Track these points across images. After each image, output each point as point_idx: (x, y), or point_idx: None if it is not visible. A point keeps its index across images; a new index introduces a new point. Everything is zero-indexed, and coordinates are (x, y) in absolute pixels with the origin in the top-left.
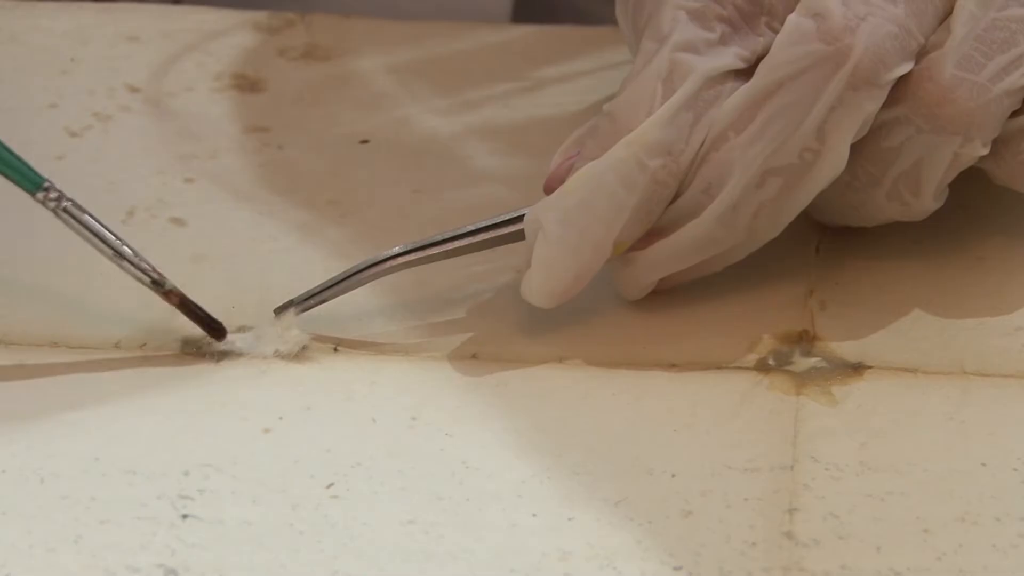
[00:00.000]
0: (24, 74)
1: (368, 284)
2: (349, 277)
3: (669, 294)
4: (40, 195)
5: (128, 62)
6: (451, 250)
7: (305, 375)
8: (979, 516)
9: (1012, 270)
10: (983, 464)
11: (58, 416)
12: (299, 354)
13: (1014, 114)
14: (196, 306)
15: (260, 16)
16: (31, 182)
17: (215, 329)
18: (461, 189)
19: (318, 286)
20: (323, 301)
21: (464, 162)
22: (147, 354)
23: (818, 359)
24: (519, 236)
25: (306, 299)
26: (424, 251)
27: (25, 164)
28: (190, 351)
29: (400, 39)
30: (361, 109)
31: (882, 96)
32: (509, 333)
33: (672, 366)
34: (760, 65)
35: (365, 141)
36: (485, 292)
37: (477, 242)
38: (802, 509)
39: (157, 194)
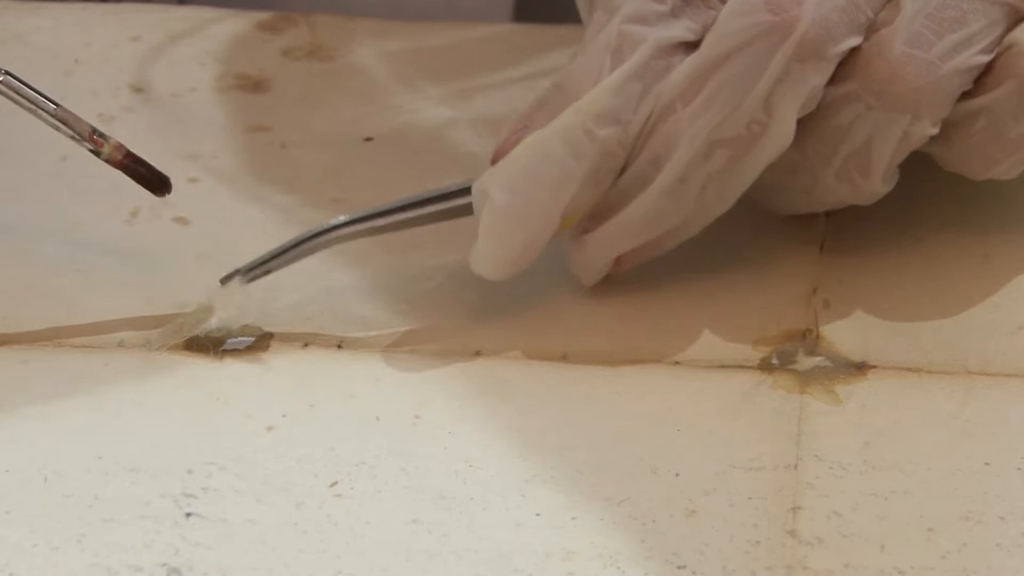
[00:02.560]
0: (28, 75)
1: (370, 284)
2: (295, 247)
3: (672, 293)
4: None
5: (132, 62)
6: (399, 221)
7: (308, 373)
8: (983, 515)
9: (1016, 268)
10: (987, 463)
11: (61, 414)
12: (302, 350)
13: (964, 96)
14: (143, 163)
15: (264, 16)
16: None
17: (162, 183)
18: None
19: (264, 255)
20: (269, 271)
21: (468, 160)
22: (150, 352)
23: (822, 358)
24: (469, 210)
25: (251, 268)
26: (371, 221)
27: None
28: (193, 349)
29: (403, 38)
30: (364, 108)
31: (829, 69)
32: (512, 331)
33: (675, 364)
34: (707, 36)
35: (369, 140)
36: (488, 290)
37: (426, 214)
38: (806, 508)
39: None
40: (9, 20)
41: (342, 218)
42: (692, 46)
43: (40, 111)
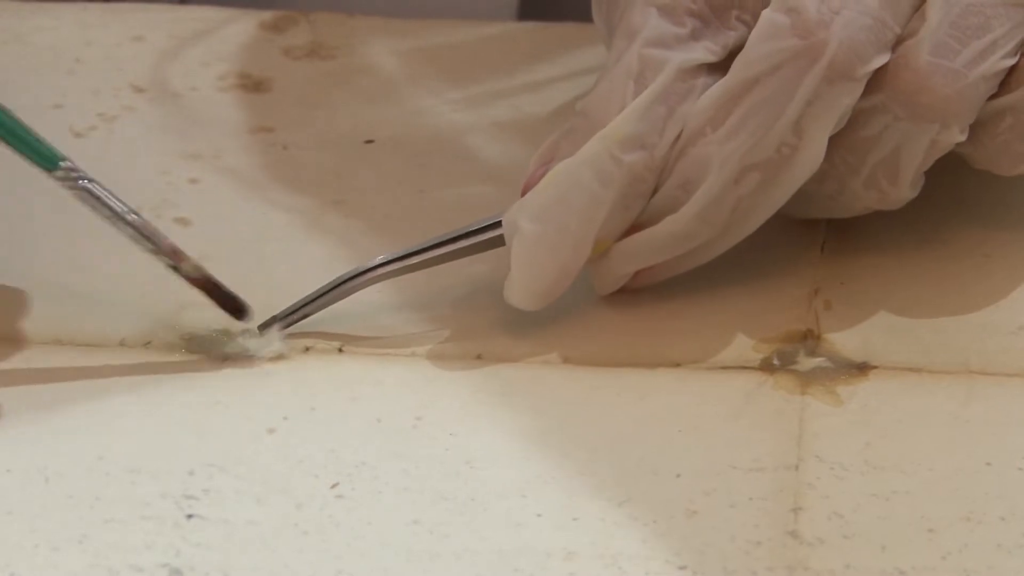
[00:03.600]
0: (29, 74)
1: (371, 289)
2: (331, 290)
3: (672, 294)
4: (59, 173)
5: (133, 62)
6: (433, 258)
7: (309, 375)
8: (984, 515)
9: (1017, 268)
10: (988, 463)
11: (63, 414)
12: (303, 353)
13: (990, 97)
14: (220, 286)
15: (265, 15)
16: (48, 160)
17: (239, 309)
18: (467, 188)
19: (301, 300)
20: (307, 315)
21: (470, 161)
22: (152, 351)
23: (823, 359)
24: (501, 241)
25: (289, 314)
26: (406, 260)
27: (41, 141)
28: (195, 349)
29: (405, 37)
30: (366, 108)
31: (859, 89)
32: (513, 333)
33: (677, 365)
34: (735, 61)
35: (370, 141)
36: (489, 292)
37: (459, 249)
38: (807, 508)
39: (162, 194)
40: (10, 20)
41: (378, 259)
42: (714, 67)
43: (120, 221)
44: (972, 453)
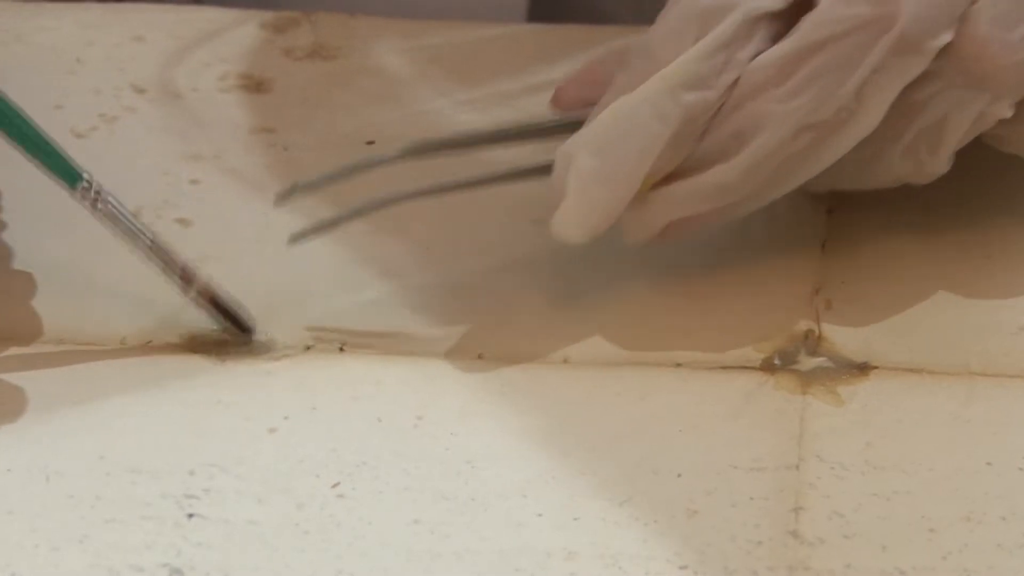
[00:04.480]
0: (30, 75)
1: (372, 289)
2: (355, 168)
3: (672, 294)
4: (79, 190)
5: (134, 62)
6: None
7: (310, 375)
8: (984, 515)
9: (1018, 268)
10: (988, 463)
11: (63, 414)
12: (304, 352)
13: None
14: (226, 305)
15: (266, 15)
16: (69, 176)
17: (244, 329)
18: (470, 190)
19: (324, 174)
20: (331, 183)
21: (471, 162)
22: (152, 351)
23: (823, 358)
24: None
25: (310, 184)
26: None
27: (65, 157)
28: (195, 348)
29: (407, 38)
30: (367, 109)
31: (925, 63)
32: (514, 333)
33: (677, 365)
34: (805, 20)
35: (371, 142)
36: (490, 290)
37: (499, 176)
38: (808, 508)
39: (163, 195)
40: (10, 20)
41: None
42: (777, 17)
43: (137, 238)
44: (973, 453)
